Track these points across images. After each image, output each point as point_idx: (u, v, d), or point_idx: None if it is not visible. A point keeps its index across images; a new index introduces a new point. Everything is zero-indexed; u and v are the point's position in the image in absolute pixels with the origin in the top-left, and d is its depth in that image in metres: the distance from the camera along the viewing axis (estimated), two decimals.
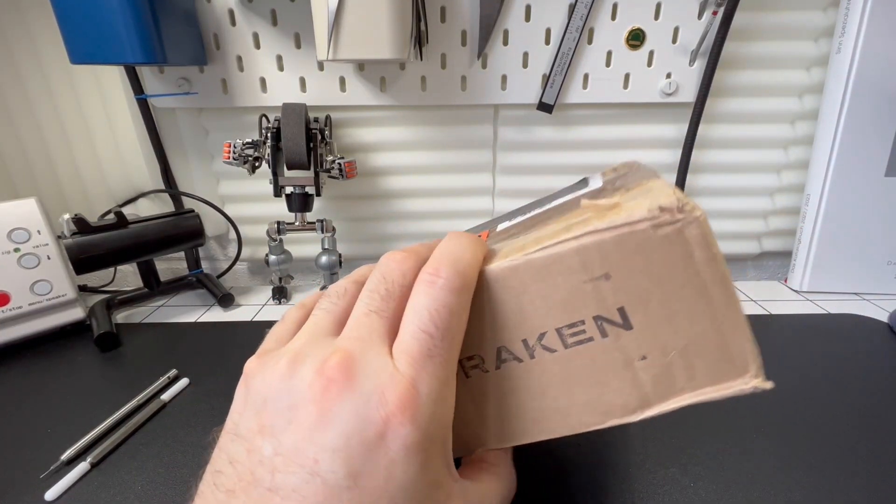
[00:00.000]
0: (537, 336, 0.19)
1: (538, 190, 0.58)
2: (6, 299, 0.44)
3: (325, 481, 0.15)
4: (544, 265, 0.18)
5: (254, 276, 0.66)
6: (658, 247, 0.16)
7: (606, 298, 0.18)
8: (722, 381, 0.18)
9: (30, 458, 0.32)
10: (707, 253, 0.16)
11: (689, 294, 0.17)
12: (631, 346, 0.18)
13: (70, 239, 0.45)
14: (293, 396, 0.16)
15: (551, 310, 0.18)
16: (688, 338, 0.18)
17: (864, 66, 0.47)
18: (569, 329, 0.18)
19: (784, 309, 0.51)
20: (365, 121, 0.55)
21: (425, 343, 0.17)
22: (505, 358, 0.20)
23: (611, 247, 0.17)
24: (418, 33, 0.48)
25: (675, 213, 0.16)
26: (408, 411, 0.16)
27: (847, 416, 0.34)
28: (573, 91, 0.53)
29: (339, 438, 0.15)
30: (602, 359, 0.19)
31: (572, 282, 0.18)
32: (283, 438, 0.16)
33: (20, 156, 0.57)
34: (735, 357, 0.18)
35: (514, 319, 0.19)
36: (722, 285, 0.17)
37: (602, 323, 0.18)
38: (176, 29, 0.46)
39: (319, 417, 0.16)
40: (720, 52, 0.49)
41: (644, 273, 0.17)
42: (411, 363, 0.17)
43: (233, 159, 0.49)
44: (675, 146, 0.55)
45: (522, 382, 0.20)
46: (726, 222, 0.59)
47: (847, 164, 0.50)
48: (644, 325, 0.18)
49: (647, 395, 0.19)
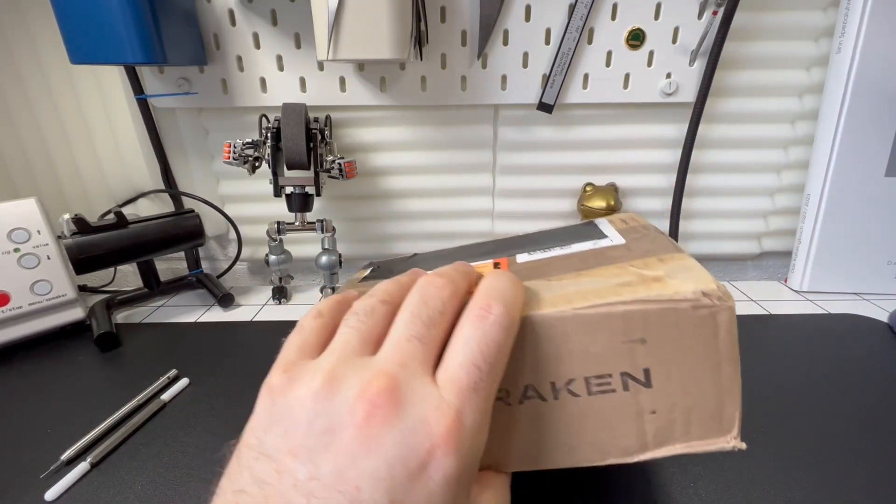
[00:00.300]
0: (566, 381, 0.21)
1: (538, 190, 0.58)
2: (6, 299, 0.44)
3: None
4: (592, 321, 0.20)
5: (254, 276, 0.66)
6: (692, 324, 0.19)
7: (637, 359, 0.20)
8: (709, 437, 0.21)
9: (30, 458, 0.32)
10: (729, 336, 0.19)
11: (706, 367, 0.20)
12: (646, 401, 0.20)
13: (70, 239, 0.45)
14: (332, 419, 0.16)
15: (586, 360, 0.20)
16: (694, 401, 0.20)
17: (864, 66, 0.47)
18: (597, 379, 0.20)
19: (784, 309, 0.51)
20: (365, 121, 0.55)
21: (474, 376, 0.17)
22: (530, 395, 0.21)
23: (654, 317, 0.19)
24: (418, 33, 0.48)
25: (714, 299, 0.19)
26: (452, 443, 0.16)
27: (847, 416, 0.34)
28: (573, 91, 0.53)
29: (382, 467, 0.15)
30: (618, 409, 0.21)
31: (612, 340, 0.20)
32: (320, 463, 0.15)
33: (20, 156, 0.57)
34: (724, 420, 0.20)
35: (550, 363, 0.20)
36: (732, 364, 0.20)
37: (627, 379, 0.20)
38: (176, 29, 0.46)
39: (363, 444, 0.15)
40: (720, 52, 0.49)
41: (674, 343, 0.19)
42: (458, 394, 0.17)
43: (233, 159, 0.49)
44: (675, 146, 0.55)
45: (540, 419, 0.21)
46: (726, 222, 0.59)
47: (847, 164, 0.50)
48: (662, 385, 0.20)
49: (646, 443, 0.21)
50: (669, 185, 0.56)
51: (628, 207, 0.58)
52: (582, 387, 0.20)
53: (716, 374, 0.20)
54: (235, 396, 0.37)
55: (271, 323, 0.50)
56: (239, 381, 0.39)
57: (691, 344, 0.19)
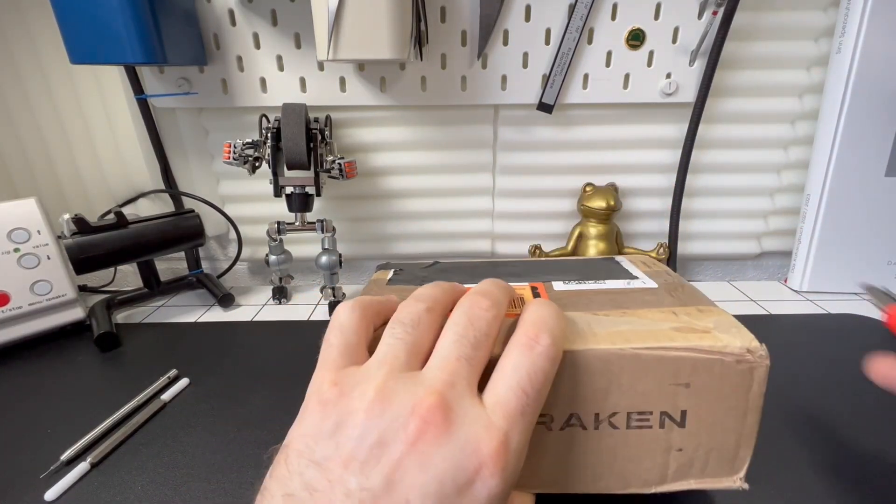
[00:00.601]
0: (609, 413, 0.22)
1: (538, 190, 0.58)
2: (6, 299, 0.44)
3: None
4: (647, 362, 0.21)
5: (254, 276, 0.66)
6: (733, 376, 0.21)
7: (678, 401, 0.22)
8: (720, 476, 0.23)
9: (30, 458, 0.32)
10: (760, 390, 0.21)
11: (734, 414, 0.22)
12: (676, 439, 0.22)
13: (70, 239, 0.45)
14: (384, 433, 0.16)
15: (633, 396, 0.22)
16: (716, 443, 0.22)
17: (864, 66, 0.47)
18: (638, 415, 0.22)
19: (784, 309, 0.51)
20: (365, 121, 0.55)
21: (521, 400, 0.18)
22: (573, 423, 0.22)
23: (702, 366, 0.21)
24: (418, 33, 0.48)
25: (756, 356, 0.21)
26: (499, 463, 0.16)
27: (847, 416, 0.34)
28: (573, 91, 0.53)
29: (432, 482, 0.16)
30: (650, 443, 0.22)
31: (661, 381, 0.21)
32: (371, 475, 0.16)
33: (20, 156, 0.57)
34: (737, 463, 0.23)
35: (598, 395, 0.22)
36: (756, 413, 0.22)
37: (665, 417, 0.22)
38: (176, 29, 0.46)
39: (414, 459, 0.16)
40: (720, 52, 0.49)
41: (713, 391, 0.21)
42: (506, 417, 0.17)
43: (233, 159, 0.49)
44: (675, 146, 0.55)
45: (575, 446, 0.23)
46: (726, 222, 0.59)
47: (847, 164, 0.50)
48: (694, 427, 0.22)
49: (665, 477, 0.23)
50: (669, 185, 0.56)
51: (628, 207, 0.58)
52: (623, 420, 0.22)
53: (741, 421, 0.22)
54: (235, 396, 0.37)
55: (271, 323, 0.50)
56: (239, 381, 0.39)
57: (727, 393, 0.22)
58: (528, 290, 0.28)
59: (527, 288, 0.29)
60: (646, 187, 0.58)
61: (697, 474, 0.23)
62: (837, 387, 0.37)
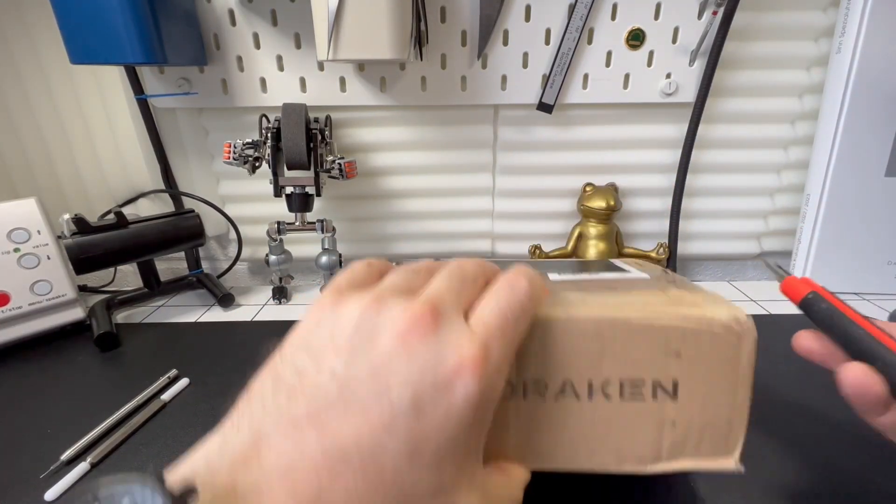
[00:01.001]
0: (603, 381, 0.22)
1: (538, 190, 0.58)
2: (6, 299, 0.44)
3: (392, 404, 0.16)
4: (638, 329, 0.22)
5: (254, 276, 0.66)
6: (721, 346, 0.22)
7: (669, 370, 0.22)
8: (715, 457, 0.23)
9: (30, 458, 0.32)
10: (749, 363, 0.22)
11: (725, 387, 0.22)
12: (669, 412, 0.23)
13: (70, 239, 0.45)
14: (377, 328, 0.18)
15: (625, 363, 0.22)
16: (709, 418, 0.23)
17: (864, 66, 0.47)
18: (631, 384, 0.22)
19: (784, 309, 0.51)
20: (365, 121, 0.55)
21: (501, 321, 0.19)
22: (566, 392, 0.23)
23: (691, 335, 0.22)
24: (418, 33, 0.48)
25: (744, 327, 0.22)
26: (478, 369, 0.17)
27: (847, 416, 0.34)
28: (573, 91, 0.53)
29: (414, 372, 0.17)
30: (644, 416, 0.23)
31: (652, 349, 0.22)
32: (358, 361, 0.17)
33: (20, 156, 0.57)
34: (731, 441, 0.23)
35: (591, 361, 0.22)
36: (746, 389, 0.22)
37: (657, 388, 0.22)
38: (176, 29, 0.46)
39: (401, 349, 0.17)
40: (720, 52, 0.49)
41: (703, 361, 0.22)
42: (486, 331, 0.19)
43: (233, 159, 0.49)
44: (675, 146, 0.55)
45: (571, 418, 0.23)
46: (726, 222, 0.59)
47: (847, 164, 0.50)
48: (685, 399, 0.22)
49: (659, 454, 0.23)
50: (669, 185, 0.56)
51: (628, 207, 0.58)
52: (616, 390, 0.22)
53: (732, 395, 0.22)
54: (235, 396, 0.37)
55: (271, 323, 0.50)
56: (239, 381, 0.39)
57: (717, 365, 0.22)
58: None
59: None
60: (646, 187, 0.58)
61: (692, 452, 0.23)
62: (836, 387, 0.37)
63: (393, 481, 0.16)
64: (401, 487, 0.16)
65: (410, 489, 0.17)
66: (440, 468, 0.17)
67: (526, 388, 0.23)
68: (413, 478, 0.17)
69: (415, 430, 0.17)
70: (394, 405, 0.16)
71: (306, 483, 0.16)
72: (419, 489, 0.17)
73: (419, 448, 0.17)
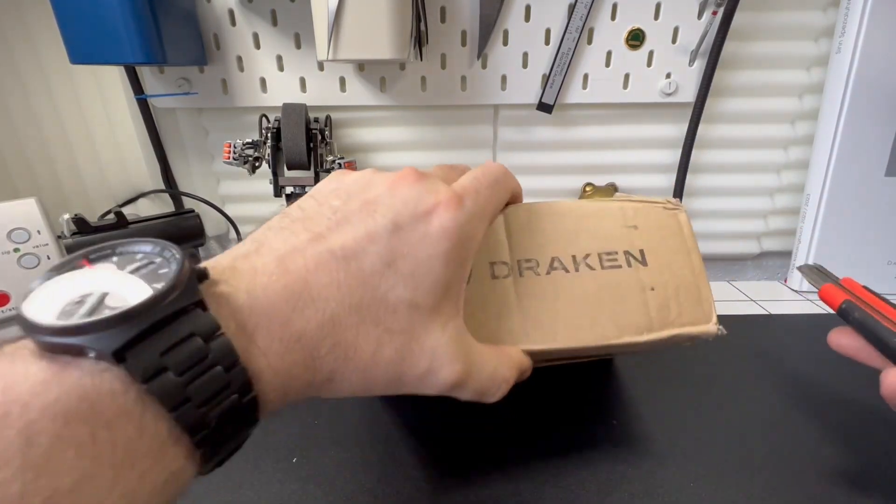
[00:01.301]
0: (584, 255, 0.27)
1: (538, 190, 0.58)
2: (6, 299, 0.44)
3: (376, 224, 0.20)
4: (600, 209, 0.28)
5: None
6: (664, 218, 0.28)
7: (634, 241, 0.28)
8: (697, 322, 0.27)
9: None
10: (689, 232, 0.28)
11: (680, 252, 0.28)
12: (645, 277, 0.27)
13: (70, 239, 0.45)
14: (373, 181, 0.22)
15: (597, 239, 0.27)
16: (679, 280, 0.27)
17: (864, 66, 0.47)
18: (607, 255, 0.27)
19: (784, 309, 0.51)
20: (365, 121, 0.55)
21: (474, 184, 0.23)
22: (556, 266, 0.27)
23: (641, 211, 0.28)
24: (418, 33, 0.48)
25: (674, 203, 0.29)
26: (452, 207, 0.21)
27: (847, 416, 0.34)
28: (573, 91, 0.53)
29: (398, 203, 0.20)
30: (626, 282, 0.27)
31: (615, 224, 0.28)
32: (353, 200, 0.21)
33: (20, 156, 0.57)
34: (704, 305, 0.27)
35: (570, 238, 0.27)
36: (696, 252, 0.28)
37: (629, 257, 0.27)
38: (176, 29, 0.46)
39: (387, 189, 0.21)
40: (720, 52, 0.49)
41: (656, 231, 0.28)
42: (461, 188, 0.22)
43: (233, 159, 0.49)
44: (675, 146, 0.55)
45: (565, 289, 0.26)
46: (726, 222, 0.59)
47: (847, 164, 0.50)
48: (654, 265, 0.27)
49: (651, 320, 0.26)
50: (669, 185, 0.56)
51: None
52: (596, 261, 0.27)
53: (688, 258, 0.28)
54: None
55: None
56: None
57: (666, 233, 0.28)
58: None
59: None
60: (646, 187, 0.58)
61: (677, 320, 0.27)
62: (838, 387, 0.37)
63: (371, 280, 0.19)
64: (377, 287, 0.19)
65: (385, 292, 0.19)
66: (415, 285, 0.20)
67: (520, 267, 0.27)
68: (388, 282, 0.19)
69: (393, 243, 0.20)
70: (377, 223, 0.20)
71: (296, 265, 0.18)
72: (393, 295, 0.19)
73: (396, 259, 0.20)
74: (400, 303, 0.19)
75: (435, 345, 0.20)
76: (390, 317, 0.19)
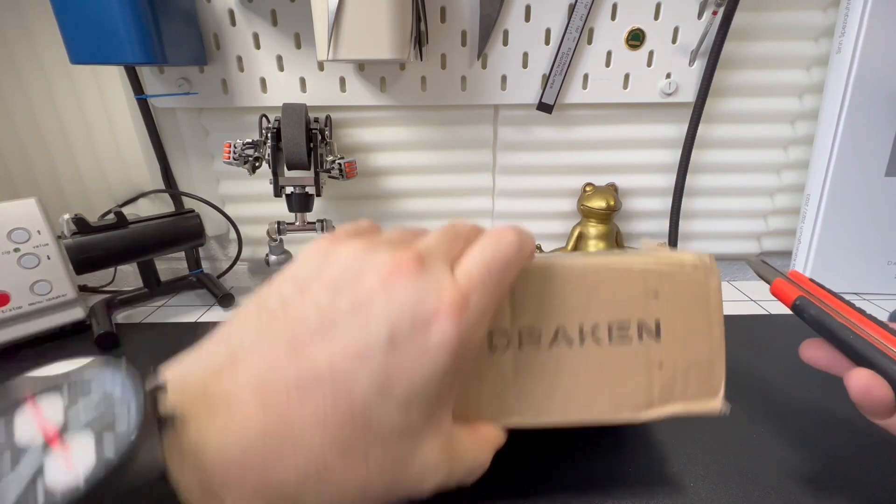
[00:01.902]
0: (592, 325, 0.24)
1: (538, 190, 0.58)
2: (6, 299, 0.44)
3: (369, 337, 0.17)
4: (619, 274, 0.24)
5: (254, 276, 0.66)
6: (692, 286, 0.25)
7: (651, 310, 0.24)
8: (701, 398, 0.25)
9: None
10: (717, 301, 0.25)
11: (701, 325, 0.25)
12: (655, 354, 0.25)
13: (70, 239, 0.45)
14: (364, 268, 0.19)
15: (612, 306, 0.24)
16: (691, 357, 0.25)
17: (864, 66, 0.47)
18: (618, 326, 0.24)
19: (784, 309, 0.50)
20: (365, 121, 0.55)
21: (483, 272, 0.20)
22: (559, 339, 0.24)
23: (665, 276, 0.24)
24: (418, 33, 0.48)
25: (708, 264, 0.25)
26: (455, 314, 0.18)
27: (847, 416, 0.34)
28: (573, 91, 0.53)
29: (394, 310, 0.17)
30: (632, 358, 0.24)
31: (633, 290, 0.24)
32: (342, 295, 0.18)
33: (20, 156, 0.57)
34: (714, 382, 0.25)
35: (580, 305, 0.24)
36: (720, 326, 0.25)
37: (642, 329, 0.24)
38: (176, 29, 0.46)
39: (383, 288, 0.18)
40: (720, 52, 0.49)
41: (678, 299, 0.25)
42: (468, 281, 0.19)
43: (233, 159, 0.49)
44: (675, 146, 0.55)
45: (566, 366, 0.24)
46: (726, 222, 0.59)
47: (847, 164, 0.50)
48: (668, 339, 0.25)
49: (652, 398, 0.25)
50: (669, 185, 0.56)
51: (628, 207, 0.58)
52: (605, 333, 0.24)
53: (708, 333, 0.25)
54: None
55: None
56: None
57: (691, 302, 0.25)
58: None
59: None
60: (646, 187, 0.58)
61: (681, 395, 0.25)
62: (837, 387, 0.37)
63: (361, 412, 0.17)
64: (368, 419, 0.17)
65: (377, 423, 0.17)
66: (409, 409, 0.17)
67: (521, 338, 0.24)
68: (381, 412, 0.17)
69: (388, 364, 0.17)
70: (370, 336, 0.17)
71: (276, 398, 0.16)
72: (385, 425, 0.17)
73: (390, 383, 0.17)
74: (391, 432, 0.17)
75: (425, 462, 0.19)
76: (380, 449, 0.17)
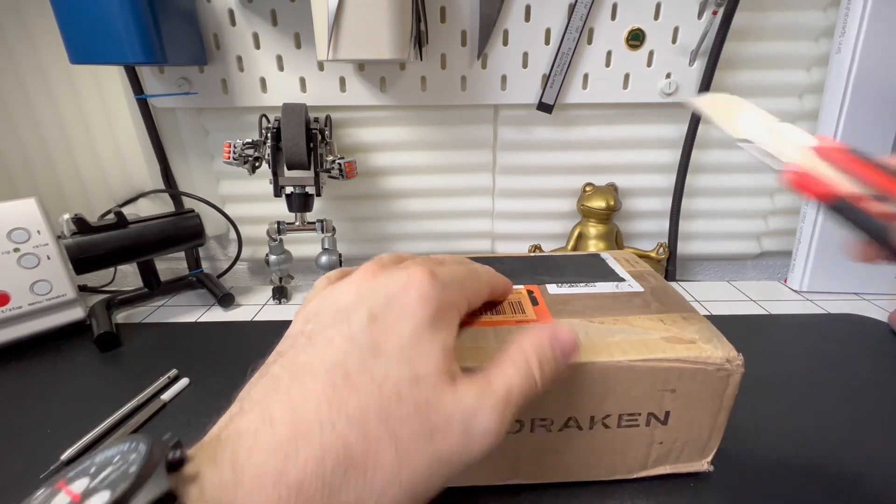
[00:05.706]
0: (604, 416, 0.25)
1: (538, 190, 0.58)
2: (6, 299, 0.44)
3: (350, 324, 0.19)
4: (640, 372, 0.24)
5: (254, 276, 0.66)
6: (712, 382, 0.24)
7: (664, 404, 0.25)
8: (691, 462, 0.27)
9: (30, 458, 0.32)
10: (734, 391, 0.25)
11: (709, 412, 0.25)
12: (659, 434, 0.26)
13: (70, 239, 0.45)
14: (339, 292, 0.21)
15: (626, 401, 0.25)
16: (692, 436, 0.26)
17: (864, 66, 0.47)
18: (628, 416, 0.25)
19: (784, 309, 0.51)
20: (365, 121, 0.55)
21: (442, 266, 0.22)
22: (570, 425, 0.25)
23: (687, 374, 0.24)
24: (418, 33, 0.48)
25: (734, 365, 0.24)
26: (426, 276, 0.20)
27: (847, 417, 0.34)
28: (573, 91, 0.53)
29: (366, 296, 0.20)
30: (636, 439, 0.26)
31: (651, 388, 0.24)
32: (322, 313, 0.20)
33: (20, 156, 0.57)
34: (707, 450, 0.27)
35: (595, 401, 0.25)
36: (727, 411, 0.26)
37: (651, 418, 0.25)
38: (176, 29, 0.46)
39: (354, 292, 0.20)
40: (720, 52, 0.49)
41: (695, 394, 0.25)
42: (429, 265, 0.22)
43: (233, 159, 0.49)
44: (675, 146, 0.55)
45: (573, 444, 0.26)
46: (726, 222, 0.59)
47: None
48: (675, 424, 0.26)
49: (645, 465, 0.27)
50: (669, 185, 0.56)
51: (628, 208, 0.58)
52: (614, 421, 0.25)
53: (714, 418, 0.26)
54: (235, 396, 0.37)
55: (271, 323, 0.50)
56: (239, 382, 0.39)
57: (706, 396, 0.25)
58: (524, 294, 0.30)
59: (523, 291, 0.30)
60: (646, 187, 0.58)
61: (673, 461, 0.27)
62: (837, 387, 0.37)
63: (360, 378, 0.17)
64: (372, 379, 0.17)
65: (382, 379, 0.18)
66: (409, 360, 0.18)
67: (533, 425, 0.25)
68: (381, 368, 0.18)
69: (373, 332, 0.18)
70: (351, 323, 0.19)
71: (280, 406, 0.17)
72: (391, 377, 0.18)
73: (379, 344, 0.18)
74: (400, 385, 0.17)
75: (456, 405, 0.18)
76: (395, 406, 0.17)
